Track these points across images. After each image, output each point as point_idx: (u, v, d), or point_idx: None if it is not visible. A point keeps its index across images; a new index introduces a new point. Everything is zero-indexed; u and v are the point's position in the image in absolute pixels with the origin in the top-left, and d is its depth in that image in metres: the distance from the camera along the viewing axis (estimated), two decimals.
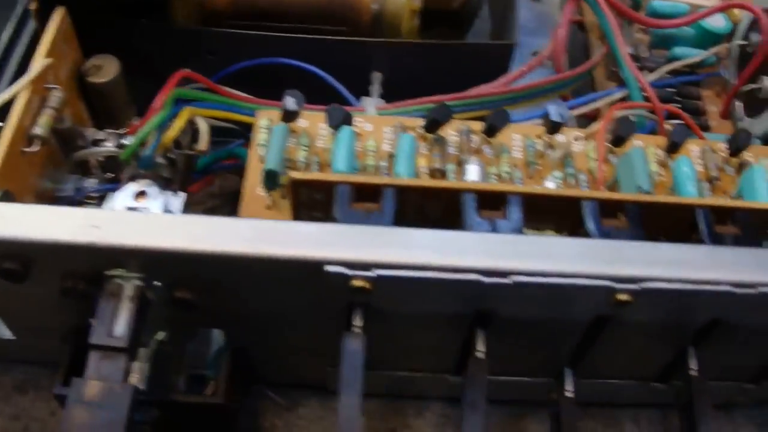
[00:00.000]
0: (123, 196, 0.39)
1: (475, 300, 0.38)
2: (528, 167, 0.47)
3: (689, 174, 0.44)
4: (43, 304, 0.40)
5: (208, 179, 0.49)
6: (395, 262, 0.36)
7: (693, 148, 0.49)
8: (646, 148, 0.47)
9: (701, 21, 0.58)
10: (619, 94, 0.53)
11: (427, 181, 0.40)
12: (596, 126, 0.48)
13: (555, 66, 0.54)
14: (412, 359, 0.44)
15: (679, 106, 0.57)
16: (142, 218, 0.37)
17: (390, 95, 0.50)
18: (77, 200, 0.45)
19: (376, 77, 0.50)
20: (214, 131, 0.47)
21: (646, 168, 0.44)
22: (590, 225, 0.40)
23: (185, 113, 0.41)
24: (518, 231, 0.40)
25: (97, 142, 0.47)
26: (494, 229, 0.40)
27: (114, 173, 0.46)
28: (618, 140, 0.47)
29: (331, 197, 0.40)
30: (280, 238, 0.36)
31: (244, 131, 0.48)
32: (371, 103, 0.48)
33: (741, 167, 0.48)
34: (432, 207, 0.41)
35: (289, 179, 0.39)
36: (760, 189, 0.43)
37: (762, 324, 0.40)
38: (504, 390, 0.45)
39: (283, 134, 0.42)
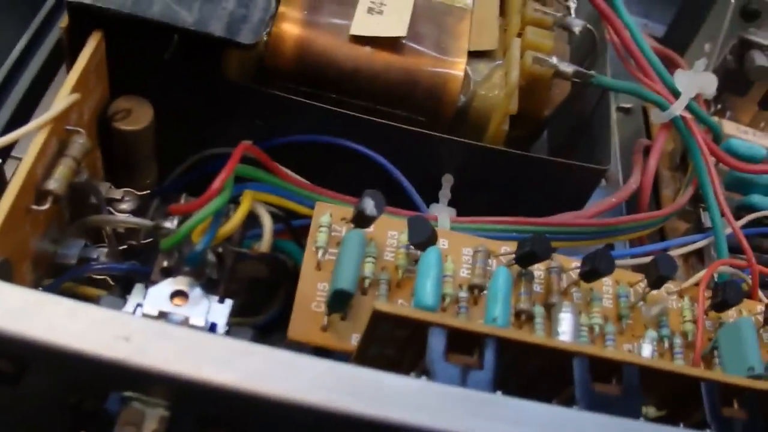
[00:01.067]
0: (157, 295, 0.30)
1: None
2: (620, 321, 0.40)
3: None
4: (26, 409, 0.31)
5: None
6: None
7: None
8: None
9: None
10: (703, 242, 0.47)
11: (537, 338, 0.33)
12: (691, 281, 0.42)
13: (641, 200, 0.47)
14: None
15: None
16: (188, 337, 0.28)
17: (456, 203, 0.43)
18: (83, 275, 0.35)
19: (447, 180, 0.43)
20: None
21: (757, 345, 0.38)
22: (709, 414, 0.34)
23: (247, 200, 0.32)
24: (637, 413, 0.33)
25: (110, 203, 0.37)
26: (608, 408, 0.32)
27: (129, 244, 0.38)
28: (720, 306, 0.41)
29: (418, 336, 0.32)
30: (368, 393, 0.28)
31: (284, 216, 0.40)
32: (445, 214, 0.40)
33: None
34: (531, 362, 0.33)
35: (372, 309, 0.31)
36: None
37: None
38: None
39: (361, 246, 0.34)
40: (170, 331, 0.28)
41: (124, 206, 0.38)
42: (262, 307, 0.43)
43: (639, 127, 0.60)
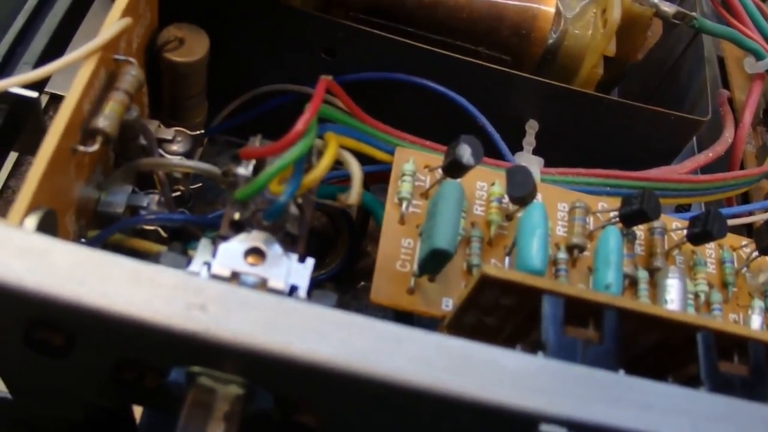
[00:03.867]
0: (229, 253, 0.26)
1: None
2: (725, 288, 0.35)
3: None
4: (74, 385, 0.27)
5: None
6: (631, 429, 0.25)
7: None
8: None
9: None
10: None
11: (666, 311, 0.28)
12: None
13: (734, 156, 0.43)
14: None
15: None
16: (275, 305, 0.24)
17: (537, 153, 0.38)
18: (134, 227, 0.31)
19: (532, 127, 0.38)
20: None
21: None
22: None
23: (333, 143, 0.28)
24: (766, 397, 0.29)
25: (160, 144, 0.33)
26: (735, 390, 0.28)
27: (181, 191, 0.33)
28: None
29: (523, 306, 0.28)
30: (477, 370, 0.24)
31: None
32: (534, 164, 0.36)
33: None
34: (647, 337, 0.29)
35: (479, 273, 0.26)
36: None
37: None
38: None
39: (460, 199, 0.29)
40: (253, 298, 0.24)
41: (175, 147, 0.33)
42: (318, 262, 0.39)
43: (714, 77, 0.55)
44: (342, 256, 0.38)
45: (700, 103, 0.41)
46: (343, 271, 0.38)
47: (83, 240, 0.30)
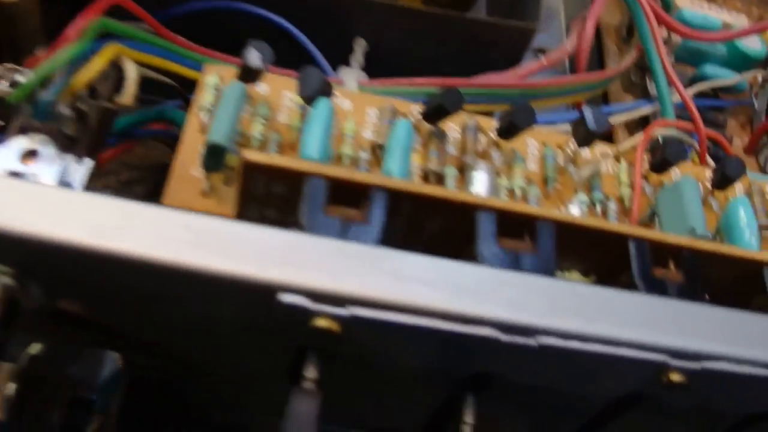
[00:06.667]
0: (5, 155, 0.27)
1: (476, 358, 0.28)
2: (546, 184, 0.36)
3: (750, 222, 0.35)
4: None
5: (128, 145, 0.36)
6: (381, 299, 0.25)
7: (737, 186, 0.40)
8: None
9: (737, 40, 0.49)
10: (647, 108, 0.44)
11: (434, 189, 0.29)
12: (629, 143, 0.39)
13: (577, 64, 0.44)
14: (376, 419, 0.34)
15: None
16: (27, 190, 0.25)
17: (372, 71, 0.39)
18: None
19: (360, 45, 0.39)
20: (145, 85, 0.34)
21: (700, 205, 0.35)
22: (638, 274, 0.30)
23: (109, 50, 0.29)
24: (550, 272, 0.29)
25: None
26: (516, 265, 0.29)
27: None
28: (660, 166, 0.37)
29: (298, 193, 0.29)
30: (220, 245, 0.25)
31: (185, 90, 0.36)
32: (352, 76, 0.37)
33: None
34: (430, 222, 0.30)
35: (241, 160, 0.27)
36: None
37: None
38: None
39: (239, 97, 0.31)
40: (7, 184, 0.25)
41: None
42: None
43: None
44: None
45: (533, 10, 0.42)
46: None
47: None
